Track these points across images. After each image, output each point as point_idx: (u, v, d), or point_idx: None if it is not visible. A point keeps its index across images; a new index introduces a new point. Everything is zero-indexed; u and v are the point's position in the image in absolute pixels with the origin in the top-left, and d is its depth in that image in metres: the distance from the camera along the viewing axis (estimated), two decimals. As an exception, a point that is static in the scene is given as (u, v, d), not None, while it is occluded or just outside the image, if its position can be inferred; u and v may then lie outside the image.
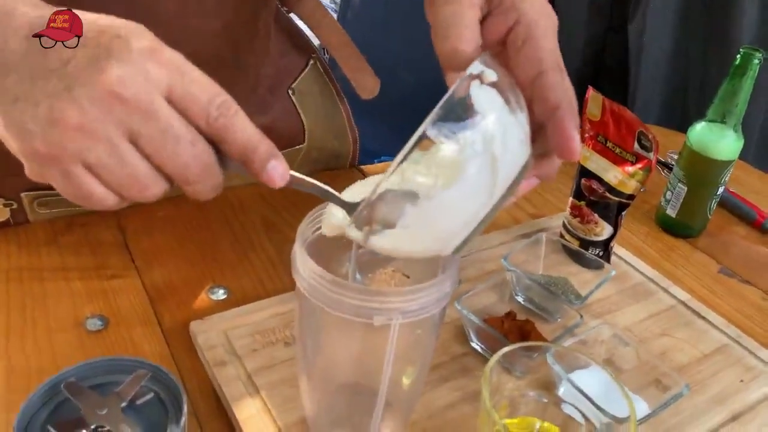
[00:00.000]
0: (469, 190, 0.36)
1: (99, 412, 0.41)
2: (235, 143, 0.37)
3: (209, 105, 0.36)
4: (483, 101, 0.37)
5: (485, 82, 0.38)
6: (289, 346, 0.55)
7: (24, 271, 0.62)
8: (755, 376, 0.59)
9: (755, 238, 0.83)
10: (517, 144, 0.38)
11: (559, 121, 0.41)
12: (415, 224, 0.37)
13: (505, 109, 0.38)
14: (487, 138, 0.36)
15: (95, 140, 0.35)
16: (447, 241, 0.38)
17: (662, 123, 1.32)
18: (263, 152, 0.37)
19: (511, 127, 0.38)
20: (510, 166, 0.38)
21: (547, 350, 0.49)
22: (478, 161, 0.36)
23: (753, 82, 0.72)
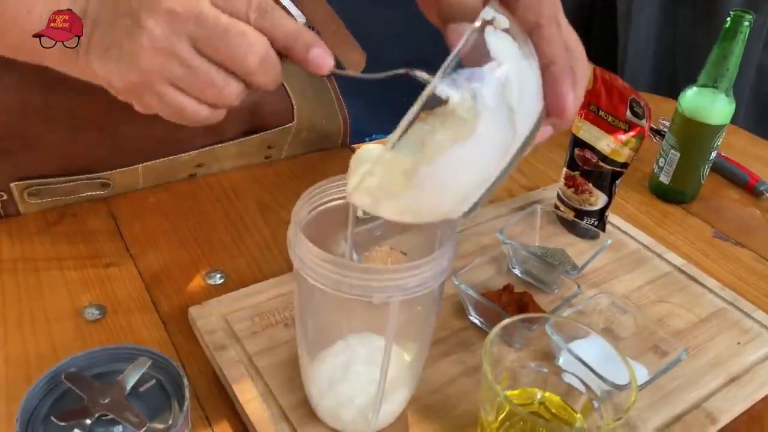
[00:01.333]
0: (485, 144, 0.34)
1: (102, 400, 0.41)
2: (278, 38, 0.40)
3: (248, 9, 0.39)
4: (499, 47, 0.35)
5: (498, 28, 0.35)
6: (289, 328, 0.55)
7: (18, 262, 0.61)
8: (752, 338, 0.60)
9: (748, 201, 0.84)
10: (533, 93, 0.36)
11: (552, 76, 0.39)
12: (426, 185, 0.35)
13: (520, 55, 0.36)
14: (505, 87, 0.34)
15: (167, 56, 0.39)
16: (459, 202, 0.36)
17: (652, 90, 1.32)
18: (305, 42, 0.40)
19: (526, 75, 0.36)
20: (526, 118, 0.36)
21: (546, 321, 0.50)
22: (494, 113, 0.34)
23: (743, 45, 0.72)
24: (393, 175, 0.35)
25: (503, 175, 0.36)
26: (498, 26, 0.36)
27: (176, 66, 0.39)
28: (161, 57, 0.39)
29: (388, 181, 0.36)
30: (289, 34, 0.40)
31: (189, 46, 0.39)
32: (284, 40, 0.40)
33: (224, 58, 0.39)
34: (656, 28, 1.36)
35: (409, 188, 0.35)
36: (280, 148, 0.82)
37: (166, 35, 0.39)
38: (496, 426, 0.44)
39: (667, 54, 1.38)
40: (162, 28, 0.38)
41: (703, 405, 0.53)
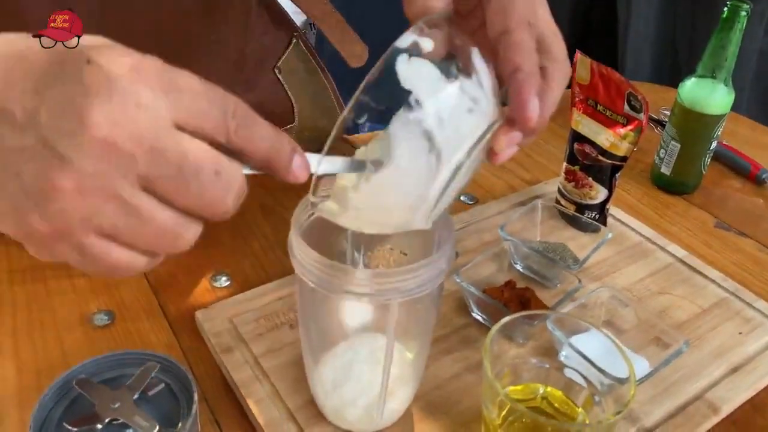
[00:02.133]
0: (405, 171, 0.35)
1: (112, 406, 0.42)
2: (259, 152, 0.32)
3: (224, 117, 0.30)
4: (410, 76, 0.34)
5: (423, 52, 0.35)
6: (295, 329, 0.56)
7: (27, 272, 0.62)
8: (754, 328, 0.60)
9: (750, 190, 0.84)
10: (460, 114, 0.35)
11: (516, 85, 0.37)
12: (365, 206, 0.36)
13: (440, 80, 0.35)
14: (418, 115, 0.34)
15: (102, 200, 0.29)
16: (409, 217, 0.37)
17: (653, 80, 1.32)
18: (286, 152, 0.33)
19: (449, 98, 0.35)
20: (455, 138, 0.35)
21: (547, 317, 0.50)
22: (408, 140, 0.34)
23: (741, 34, 0.72)
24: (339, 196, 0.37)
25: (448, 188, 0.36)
26: (423, 50, 0.35)
27: (113, 212, 0.29)
28: (90, 202, 0.28)
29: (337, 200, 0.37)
30: (272, 144, 0.32)
31: (135, 187, 0.29)
32: (265, 156, 0.32)
33: (190, 204, 0.30)
34: (656, 18, 1.35)
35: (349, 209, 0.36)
36: None
37: (102, 174, 0.28)
38: (499, 423, 0.44)
39: (668, 43, 1.37)
40: (96, 164, 0.28)
41: (705, 395, 0.53)
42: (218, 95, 0.31)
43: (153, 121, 0.28)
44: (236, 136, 0.31)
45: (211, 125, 0.30)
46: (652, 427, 0.50)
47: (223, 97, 0.31)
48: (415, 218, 0.37)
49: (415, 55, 0.35)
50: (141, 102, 0.28)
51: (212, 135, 0.30)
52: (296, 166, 0.33)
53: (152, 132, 0.28)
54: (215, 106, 0.30)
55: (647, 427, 0.50)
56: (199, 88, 0.30)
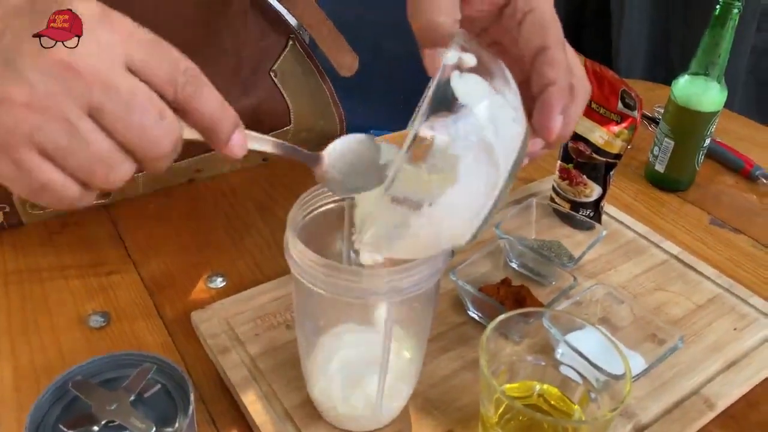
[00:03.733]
0: (471, 185, 0.35)
1: (108, 407, 0.42)
2: (203, 114, 0.34)
3: (175, 72, 0.33)
4: (466, 91, 0.36)
5: (464, 69, 0.36)
6: (291, 329, 0.56)
7: (23, 273, 0.62)
8: (748, 324, 0.60)
9: (744, 187, 0.84)
10: (509, 124, 0.37)
11: (547, 97, 0.39)
12: (423, 232, 0.36)
13: (491, 92, 0.37)
14: (479, 129, 0.35)
15: (49, 118, 0.30)
16: (459, 237, 0.38)
17: (647, 77, 1.32)
18: (229, 124, 0.35)
19: (500, 109, 0.37)
20: (508, 149, 0.36)
21: (543, 314, 0.50)
22: (473, 155, 0.35)
23: (733, 32, 0.72)
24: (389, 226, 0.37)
25: (498, 202, 0.37)
26: (464, 66, 0.36)
27: (57, 131, 0.31)
28: (37, 117, 0.30)
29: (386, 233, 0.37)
30: (214, 112, 0.34)
31: (82, 111, 0.31)
32: (207, 120, 0.34)
33: (129, 138, 0.32)
34: (649, 16, 1.36)
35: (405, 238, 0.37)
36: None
37: (54, 93, 0.30)
38: (496, 420, 0.45)
39: (661, 40, 1.38)
40: (51, 84, 0.30)
41: (701, 391, 0.53)
42: (175, 53, 0.33)
43: (110, 59, 0.31)
44: (182, 93, 0.33)
45: (161, 76, 0.32)
46: (648, 423, 0.50)
47: (180, 58, 0.33)
48: (465, 235, 0.38)
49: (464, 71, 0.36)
50: (101, 40, 0.31)
51: (161, 85, 0.33)
52: (235, 142, 0.35)
53: (108, 67, 0.31)
54: (168, 61, 0.33)
55: (643, 423, 0.50)
56: (158, 43, 0.33)
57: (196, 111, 0.34)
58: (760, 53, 1.33)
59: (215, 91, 0.34)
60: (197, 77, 0.34)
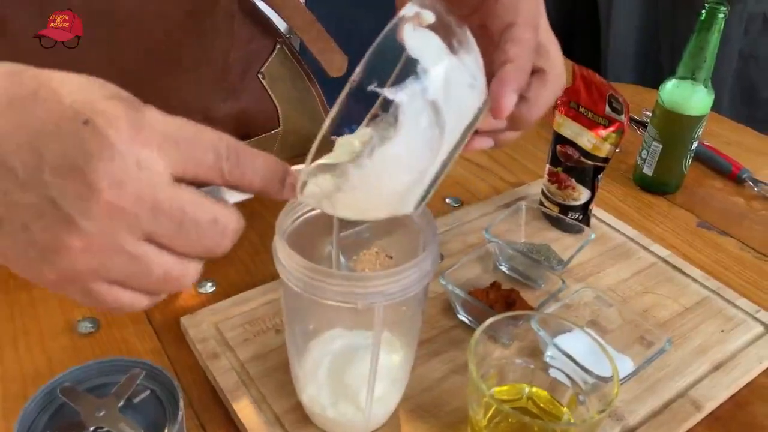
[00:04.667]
0: (411, 142, 0.34)
1: (97, 413, 0.41)
2: (254, 185, 0.34)
3: (218, 161, 0.32)
4: (418, 46, 0.34)
5: (423, 24, 0.35)
6: (280, 334, 0.56)
7: (9, 279, 0.62)
8: (735, 325, 0.61)
9: (731, 190, 0.85)
10: (464, 89, 0.35)
11: (502, 74, 0.38)
12: (362, 186, 0.35)
13: (445, 53, 0.35)
14: (425, 86, 0.33)
15: (110, 256, 0.31)
16: (401, 199, 0.36)
17: (636, 81, 1.33)
18: (279, 179, 0.35)
19: (453, 72, 0.35)
20: (458, 114, 0.35)
21: (532, 317, 0.50)
22: (417, 111, 0.33)
23: (720, 36, 0.73)
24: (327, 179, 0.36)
25: (443, 169, 0.36)
26: (423, 22, 0.35)
27: (120, 265, 0.31)
28: (98, 258, 0.31)
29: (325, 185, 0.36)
30: (265, 175, 0.34)
31: (139, 240, 0.31)
32: (260, 185, 0.34)
33: (191, 251, 0.33)
34: (638, 19, 1.37)
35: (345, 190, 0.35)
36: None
37: (107, 233, 0.30)
38: (485, 423, 0.45)
39: (650, 44, 1.39)
40: (101, 225, 0.30)
41: (688, 393, 0.54)
42: (210, 139, 0.32)
43: (152, 180, 0.30)
44: (231, 177, 0.33)
45: (206, 172, 0.32)
46: (636, 425, 0.51)
47: (216, 141, 0.32)
48: (408, 201, 0.36)
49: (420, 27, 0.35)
50: (140, 162, 0.30)
51: (208, 180, 0.33)
52: (287, 190, 0.36)
53: (152, 190, 0.30)
54: (208, 152, 0.32)
55: (632, 426, 0.51)
56: (192, 136, 0.32)
57: (247, 185, 0.34)
58: (747, 57, 1.34)
59: (258, 158, 0.34)
60: (239, 155, 0.33)
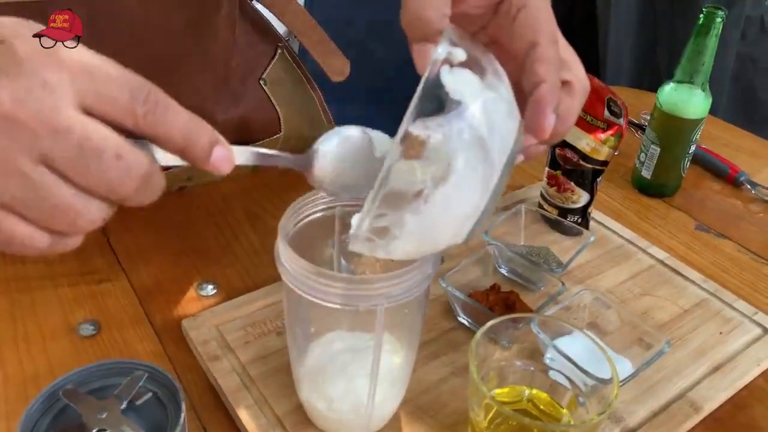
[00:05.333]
0: (465, 183, 0.35)
1: (99, 416, 0.41)
2: (172, 140, 0.32)
3: (133, 102, 0.31)
4: (457, 86, 0.35)
5: (455, 63, 0.35)
6: (282, 336, 0.56)
7: (11, 282, 0.62)
8: (733, 327, 0.61)
9: (729, 192, 0.85)
10: (503, 119, 0.36)
11: (538, 96, 0.39)
12: (419, 231, 0.36)
13: (483, 87, 0.36)
14: (472, 125, 0.34)
15: (2, 174, 0.29)
16: (455, 236, 0.37)
17: (634, 85, 1.34)
18: (206, 142, 0.33)
19: (493, 104, 0.36)
20: (502, 144, 0.36)
21: (532, 320, 0.51)
22: (467, 152, 0.34)
23: (717, 40, 0.73)
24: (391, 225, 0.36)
25: (494, 199, 0.36)
26: (454, 61, 0.35)
27: (13, 186, 0.30)
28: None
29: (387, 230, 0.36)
30: (185, 133, 0.32)
31: (35, 162, 0.30)
32: (180, 144, 0.32)
33: (90, 184, 0.31)
34: (635, 23, 1.38)
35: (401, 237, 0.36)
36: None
37: (3, 148, 0.29)
38: (486, 425, 0.45)
39: (648, 48, 1.39)
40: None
41: (687, 395, 0.54)
42: (131, 81, 0.31)
43: (57, 102, 0.29)
44: (144, 123, 0.31)
45: (117, 110, 0.31)
46: (635, 426, 0.51)
47: (137, 82, 0.31)
48: (461, 233, 0.37)
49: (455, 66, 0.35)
50: (47, 83, 0.29)
51: (119, 120, 0.31)
52: (216, 157, 0.34)
53: (55, 112, 0.29)
54: (124, 91, 0.31)
55: (631, 427, 0.51)
56: (111, 72, 0.31)
57: (163, 136, 0.32)
58: (744, 60, 1.35)
59: (182, 112, 0.32)
60: (159, 102, 0.32)
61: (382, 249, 0.37)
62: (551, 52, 0.40)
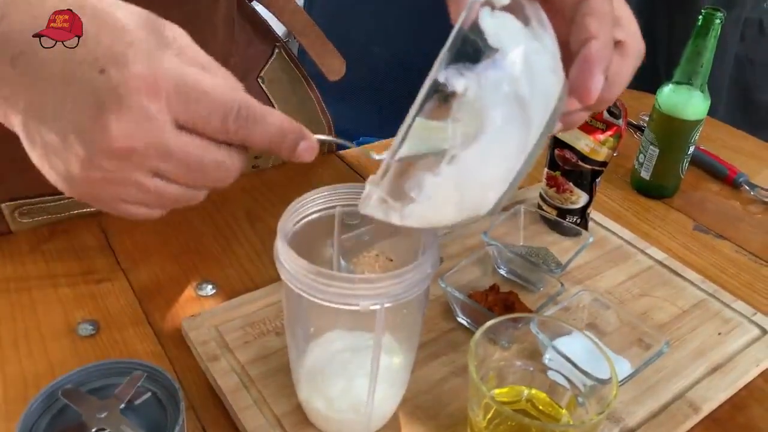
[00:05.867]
0: (498, 144, 0.31)
1: (99, 415, 0.41)
2: (261, 143, 0.36)
3: (225, 122, 0.35)
4: (498, 32, 0.31)
5: (497, 6, 0.31)
6: (281, 336, 0.56)
7: (11, 281, 0.62)
8: (732, 328, 0.61)
9: (728, 194, 0.86)
10: (546, 74, 0.32)
11: (587, 53, 0.35)
12: (440, 195, 0.32)
13: (526, 35, 0.32)
14: (512, 77, 0.30)
15: (124, 186, 0.35)
16: (480, 205, 0.34)
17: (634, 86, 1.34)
18: (291, 142, 0.37)
19: (536, 56, 0.32)
20: (543, 103, 0.32)
21: (531, 320, 0.51)
22: (504, 108, 0.30)
23: (716, 41, 0.73)
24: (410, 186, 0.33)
25: (527, 166, 0.33)
26: (497, 4, 0.32)
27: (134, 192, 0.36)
28: (115, 186, 0.36)
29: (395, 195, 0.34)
30: (273, 137, 0.36)
31: (149, 175, 0.36)
32: (267, 146, 0.37)
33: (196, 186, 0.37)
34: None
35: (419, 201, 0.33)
36: (267, 157, 0.83)
37: (122, 169, 0.34)
38: (485, 425, 0.45)
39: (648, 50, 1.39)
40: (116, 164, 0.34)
41: (686, 395, 0.54)
42: (221, 98, 0.34)
43: (161, 129, 0.34)
44: (236, 137, 0.35)
45: (210, 129, 0.35)
46: (635, 426, 0.51)
47: (228, 101, 0.35)
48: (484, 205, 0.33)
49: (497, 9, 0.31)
50: (150, 115, 0.33)
51: (214, 135, 0.35)
52: (300, 150, 0.37)
53: (160, 138, 0.34)
54: (217, 111, 0.34)
55: (630, 427, 0.51)
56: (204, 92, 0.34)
57: (253, 144, 0.36)
58: (743, 62, 1.35)
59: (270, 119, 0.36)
60: (248, 118, 0.35)
61: (396, 213, 0.34)
62: (605, 5, 0.36)
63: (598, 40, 0.35)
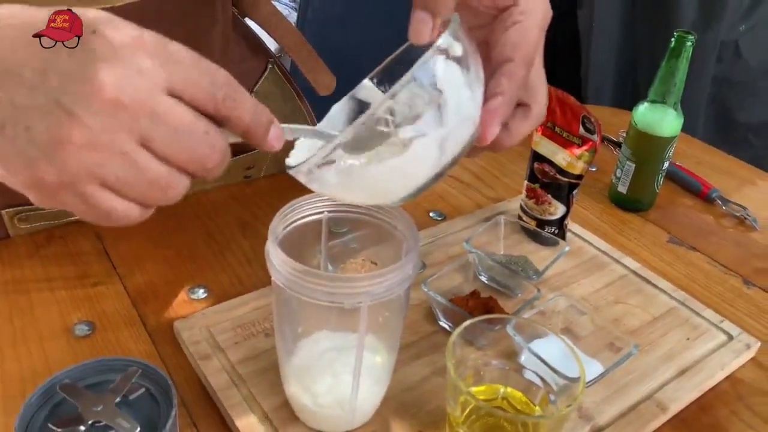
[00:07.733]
0: (416, 160, 0.38)
1: (95, 408, 0.43)
2: (242, 120, 0.36)
3: (214, 87, 0.35)
4: (445, 78, 0.37)
5: (450, 56, 0.38)
6: (270, 337, 0.59)
7: (9, 284, 0.64)
8: (700, 334, 0.64)
9: (701, 208, 0.89)
10: (466, 123, 0.40)
11: (491, 106, 0.42)
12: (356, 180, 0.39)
13: (464, 87, 0.39)
14: (442, 117, 0.38)
15: (108, 154, 0.33)
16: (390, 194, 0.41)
17: (616, 103, 1.38)
18: (265, 122, 0.37)
19: (465, 106, 0.39)
20: (458, 140, 0.40)
21: (508, 321, 0.54)
22: (427, 140, 0.38)
23: (688, 62, 0.77)
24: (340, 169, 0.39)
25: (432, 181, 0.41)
26: (451, 54, 0.38)
27: (117, 165, 0.33)
28: (97, 155, 0.33)
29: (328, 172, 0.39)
30: (252, 114, 0.37)
31: (136, 143, 0.33)
32: (247, 124, 0.37)
33: (182, 160, 0.35)
34: (617, 45, 1.42)
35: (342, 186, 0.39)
36: (260, 168, 0.86)
37: (108, 130, 0.32)
38: (462, 420, 0.48)
39: (628, 69, 1.44)
40: (104, 121, 0.32)
41: (654, 396, 0.57)
42: (210, 68, 0.35)
43: (152, 87, 0.33)
44: (223, 106, 0.35)
45: (201, 94, 0.35)
46: (605, 425, 0.54)
47: (214, 70, 0.35)
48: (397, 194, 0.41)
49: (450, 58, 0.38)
50: (142, 69, 0.32)
51: (202, 102, 0.35)
52: (272, 137, 0.38)
53: (152, 96, 0.33)
54: (206, 77, 0.35)
55: (600, 425, 0.54)
56: (193, 61, 0.35)
57: (236, 119, 0.36)
58: (720, 82, 1.40)
59: (249, 96, 0.37)
60: (234, 87, 0.36)
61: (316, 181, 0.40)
62: (521, 71, 0.43)
63: (503, 97, 0.42)
